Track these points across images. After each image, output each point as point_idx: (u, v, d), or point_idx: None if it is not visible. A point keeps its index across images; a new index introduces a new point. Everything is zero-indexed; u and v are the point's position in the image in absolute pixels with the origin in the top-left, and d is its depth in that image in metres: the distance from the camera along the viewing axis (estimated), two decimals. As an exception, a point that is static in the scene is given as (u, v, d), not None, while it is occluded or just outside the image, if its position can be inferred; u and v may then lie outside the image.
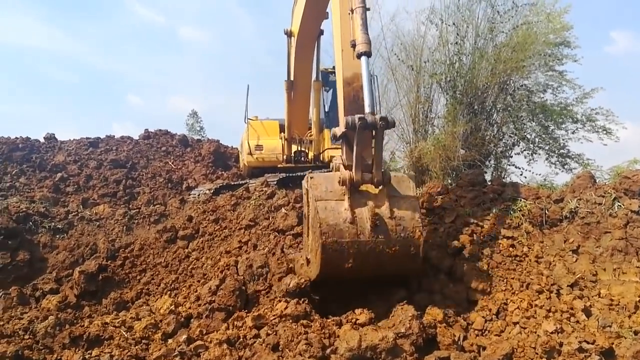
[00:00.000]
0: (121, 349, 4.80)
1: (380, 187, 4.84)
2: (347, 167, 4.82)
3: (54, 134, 17.16)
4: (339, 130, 4.90)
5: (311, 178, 4.88)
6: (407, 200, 4.83)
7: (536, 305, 4.96)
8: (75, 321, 6.09)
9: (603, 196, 6.05)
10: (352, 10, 5.23)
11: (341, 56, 5.44)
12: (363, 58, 4.92)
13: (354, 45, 5.04)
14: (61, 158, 15.40)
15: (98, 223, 12.20)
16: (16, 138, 16.17)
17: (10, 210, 10.90)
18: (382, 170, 4.79)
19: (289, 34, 9.05)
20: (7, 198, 12.52)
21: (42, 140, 16.84)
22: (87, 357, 4.69)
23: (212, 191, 11.29)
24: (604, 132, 11.81)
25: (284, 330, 4.47)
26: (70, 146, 16.44)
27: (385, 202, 4.76)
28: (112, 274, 7.59)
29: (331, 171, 5.19)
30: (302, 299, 5.00)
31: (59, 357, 4.85)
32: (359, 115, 4.54)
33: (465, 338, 4.75)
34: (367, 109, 4.65)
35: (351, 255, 4.65)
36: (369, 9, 5.23)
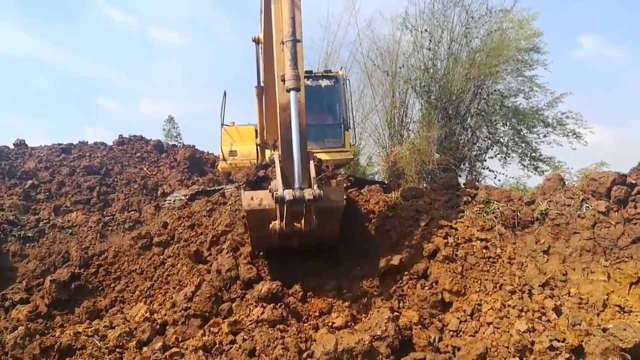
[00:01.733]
0: (94, 359, 4.71)
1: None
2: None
3: (24, 140, 16.71)
4: (276, 157, 5.39)
5: (248, 214, 5.29)
6: (329, 228, 5.56)
7: (509, 306, 5.06)
8: (46, 331, 5.95)
9: (572, 198, 6.23)
10: (282, 43, 5.23)
11: (277, 83, 5.46)
12: (292, 93, 4.98)
13: (283, 80, 5.09)
14: (32, 165, 15.00)
15: (70, 231, 11.93)
16: (-16, 145, 15.73)
17: (-23, 219, 10.59)
18: (310, 223, 4.98)
19: (257, 41, 9.00)
20: (-26, 206, 12.16)
21: (11, 147, 16.40)
22: (58, 367, 4.60)
23: (187, 197, 11.14)
24: (574, 135, 12.17)
25: (260, 336, 4.47)
26: (42, 152, 16.02)
27: (311, 236, 5.20)
28: (85, 282, 7.40)
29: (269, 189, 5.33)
30: (279, 304, 5.00)
31: (28, 369, 4.74)
32: (289, 196, 4.65)
33: (440, 339, 4.82)
34: (296, 184, 4.76)
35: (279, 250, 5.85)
36: (299, 41, 5.24)
